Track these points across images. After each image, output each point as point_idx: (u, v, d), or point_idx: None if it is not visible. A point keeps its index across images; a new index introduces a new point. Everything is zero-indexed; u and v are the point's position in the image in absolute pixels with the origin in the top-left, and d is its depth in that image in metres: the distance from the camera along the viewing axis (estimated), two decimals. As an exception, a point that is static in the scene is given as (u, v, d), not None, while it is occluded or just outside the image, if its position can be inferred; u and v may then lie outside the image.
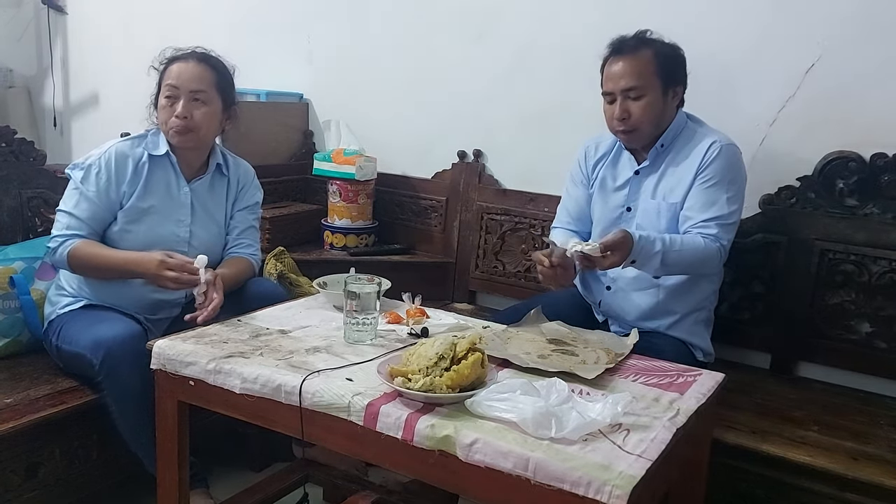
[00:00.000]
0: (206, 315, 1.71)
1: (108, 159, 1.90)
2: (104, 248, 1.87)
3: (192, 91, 1.89)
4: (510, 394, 1.24)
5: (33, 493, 1.77)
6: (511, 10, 2.58)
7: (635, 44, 1.86)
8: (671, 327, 1.89)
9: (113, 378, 1.73)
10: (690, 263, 1.78)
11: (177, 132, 1.90)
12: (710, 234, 1.78)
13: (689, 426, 1.30)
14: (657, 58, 1.84)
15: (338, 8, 2.99)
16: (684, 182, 1.85)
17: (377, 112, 2.93)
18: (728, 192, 1.80)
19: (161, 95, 1.93)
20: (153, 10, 3.54)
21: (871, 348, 2.01)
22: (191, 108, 1.89)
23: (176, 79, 1.90)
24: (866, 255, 2.01)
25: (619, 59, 1.85)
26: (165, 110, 1.90)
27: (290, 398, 1.36)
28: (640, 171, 1.93)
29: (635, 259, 1.68)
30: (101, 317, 1.85)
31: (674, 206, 1.86)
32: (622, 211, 1.96)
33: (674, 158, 1.89)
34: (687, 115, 1.93)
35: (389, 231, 2.87)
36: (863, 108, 2.03)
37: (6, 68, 4.03)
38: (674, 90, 1.87)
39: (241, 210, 2.09)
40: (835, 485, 1.60)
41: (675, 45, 1.89)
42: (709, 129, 1.90)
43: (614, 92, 1.86)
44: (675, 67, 1.88)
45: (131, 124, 2.06)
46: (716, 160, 1.81)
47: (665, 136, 1.89)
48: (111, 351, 1.72)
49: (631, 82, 1.83)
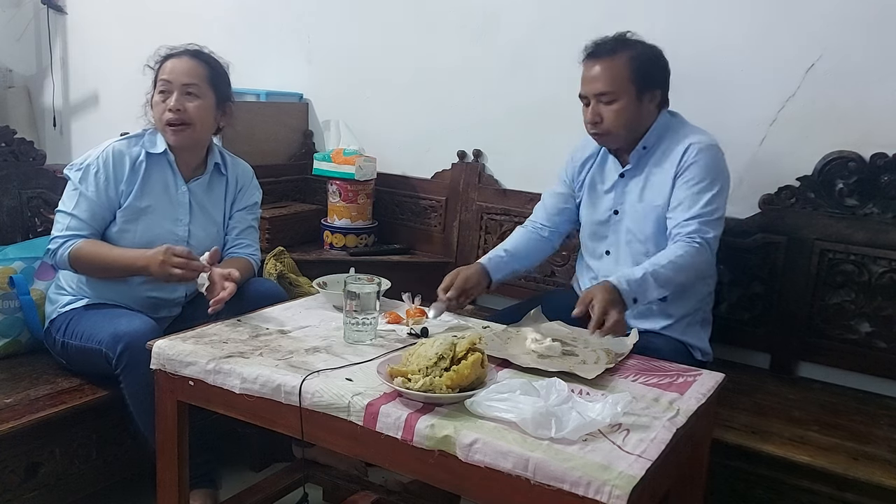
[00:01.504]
0: (220, 297, 1.72)
1: (105, 158, 1.90)
2: (106, 247, 1.87)
3: (185, 84, 1.90)
4: (510, 394, 1.24)
5: (33, 493, 1.77)
6: (511, 10, 2.58)
7: (612, 47, 1.84)
8: (668, 328, 1.88)
9: (131, 371, 1.74)
10: (683, 268, 1.73)
11: (171, 125, 1.90)
12: (692, 230, 1.76)
13: (688, 426, 1.30)
14: (632, 62, 1.82)
15: (338, 8, 2.99)
16: (666, 184, 1.84)
17: (377, 112, 2.93)
18: (710, 190, 1.78)
19: (155, 92, 1.94)
20: (153, 10, 3.54)
21: (871, 348, 2.01)
22: (183, 100, 1.90)
23: (169, 73, 1.91)
24: (866, 255, 2.01)
25: (594, 63, 1.84)
26: (159, 105, 1.92)
27: (290, 398, 1.36)
28: (625, 173, 1.92)
29: (636, 297, 1.65)
30: (116, 313, 1.86)
31: (657, 209, 1.85)
32: (610, 214, 1.95)
33: (657, 161, 1.87)
34: (671, 114, 1.92)
35: (389, 231, 2.87)
36: (863, 108, 2.03)
37: (6, 68, 4.03)
38: (650, 93, 1.85)
39: (240, 210, 2.09)
40: (834, 485, 1.60)
41: (654, 48, 1.87)
42: (691, 129, 1.88)
43: (588, 95, 1.86)
44: (652, 71, 1.85)
45: (131, 124, 2.06)
46: (695, 162, 1.80)
47: (647, 137, 1.88)
48: (130, 345, 1.72)
49: (603, 87, 1.82)
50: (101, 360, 1.77)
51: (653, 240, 1.87)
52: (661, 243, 1.84)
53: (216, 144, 2.08)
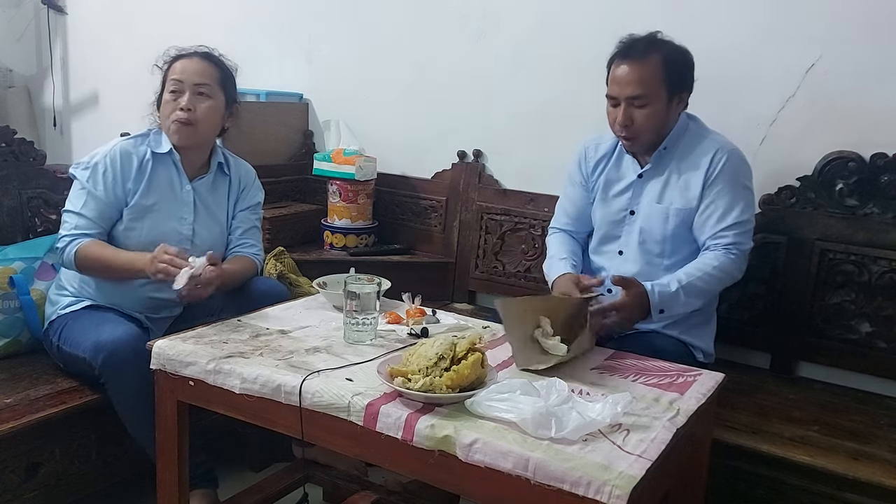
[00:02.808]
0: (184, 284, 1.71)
1: (113, 157, 1.91)
2: (108, 249, 1.87)
3: (196, 84, 1.92)
4: (510, 394, 1.24)
5: (33, 493, 1.77)
6: (511, 10, 2.58)
7: (644, 48, 1.81)
8: (670, 327, 1.87)
9: (114, 380, 1.74)
10: (718, 280, 1.77)
11: (179, 124, 1.90)
12: (729, 242, 1.78)
13: (688, 426, 1.30)
14: (665, 64, 1.79)
15: (338, 8, 2.99)
16: (693, 189, 1.83)
17: (377, 112, 2.93)
18: (743, 198, 1.81)
19: (165, 91, 1.94)
20: (153, 10, 3.54)
21: (871, 348, 2.01)
22: (195, 101, 1.91)
23: (181, 73, 1.92)
24: (866, 255, 2.01)
25: (627, 64, 1.81)
26: (169, 104, 1.92)
27: (290, 398, 1.36)
28: (644, 174, 1.92)
29: (663, 309, 1.68)
30: (101, 319, 1.85)
31: (682, 213, 1.85)
32: (625, 214, 1.94)
33: (678, 163, 1.87)
34: (687, 115, 1.92)
35: (389, 231, 2.87)
36: (863, 108, 2.03)
37: (6, 68, 4.03)
38: (679, 96, 1.84)
39: (243, 210, 2.09)
40: (835, 485, 1.60)
41: (684, 49, 1.86)
42: (709, 132, 1.89)
43: (619, 97, 1.82)
44: (683, 73, 1.84)
45: (131, 124, 2.06)
46: (725, 168, 1.81)
47: (668, 139, 1.88)
48: (111, 355, 1.72)
49: (637, 90, 1.79)
50: (88, 368, 1.78)
51: (669, 241, 1.87)
52: (678, 245, 1.85)
53: (219, 145, 2.09)
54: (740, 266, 1.82)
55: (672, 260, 1.86)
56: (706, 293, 1.76)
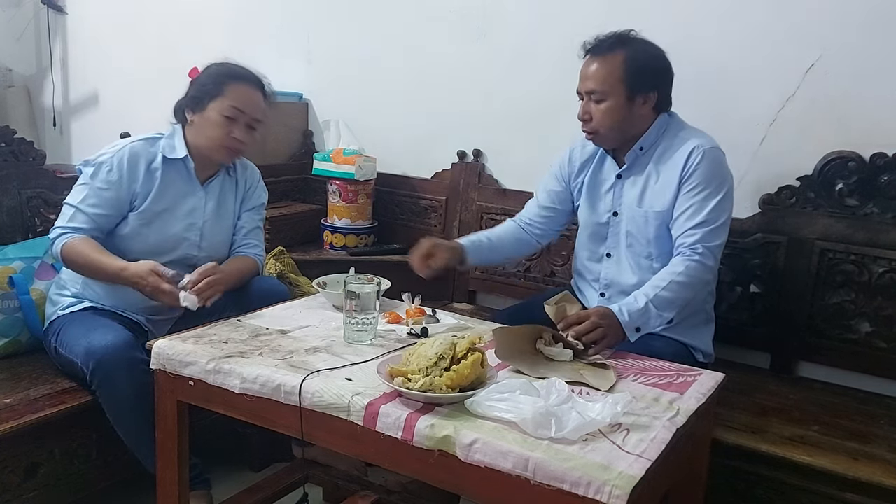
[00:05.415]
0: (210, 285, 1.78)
1: (121, 158, 1.89)
2: (99, 251, 1.83)
3: (255, 119, 1.94)
4: (510, 394, 1.24)
5: (33, 493, 1.77)
6: (511, 9, 2.58)
7: (611, 44, 1.81)
8: (668, 329, 1.86)
9: (105, 387, 1.73)
10: (685, 286, 1.72)
11: (229, 150, 1.93)
12: (695, 241, 1.75)
13: (688, 426, 1.30)
14: (627, 62, 1.79)
15: (338, 8, 2.99)
16: (669, 189, 1.81)
17: (377, 112, 2.93)
18: (715, 196, 1.77)
19: (219, 111, 1.89)
20: (153, 10, 3.53)
21: (871, 348, 2.01)
22: (247, 133, 1.93)
23: (244, 104, 1.91)
24: (866, 255, 2.01)
25: (590, 60, 1.83)
26: (222, 128, 1.89)
27: (290, 398, 1.36)
28: (622, 174, 1.91)
29: (639, 327, 1.66)
30: (95, 323, 1.82)
31: (661, 215, 1.83)
32: (609, 216, 1.93)
33: (656, 164, 1.85)
34: (670, 115, 1.88)
35: (389, 231, 2.87)
36: (863, 108, 2.03)
37: (6, 68, 4.03)
38: (643, 96, 1.81)
39: (248, 211, 2.10)
40: (835, 485, 1.60)
41: (655, 49, 1.84)
42: (691, 132, 1.85)
43: (580, 91, 1.86)
44: (648, 73, 1.81)
45: (131, 124, 2.06)
46: (700, 166, 1.77)
47: (644, 139, 1.85)
48: (102, 361, 1.71)
49: (594, 86, 1.81)
50: (80, 373, 1.77)
51: (655, 243, 1.85)
52: (664, 246, 1.84)
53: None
54: (709, 266, 1.76)
55: (661, 262, 1.83)
56: (676, 302, 1.72)
